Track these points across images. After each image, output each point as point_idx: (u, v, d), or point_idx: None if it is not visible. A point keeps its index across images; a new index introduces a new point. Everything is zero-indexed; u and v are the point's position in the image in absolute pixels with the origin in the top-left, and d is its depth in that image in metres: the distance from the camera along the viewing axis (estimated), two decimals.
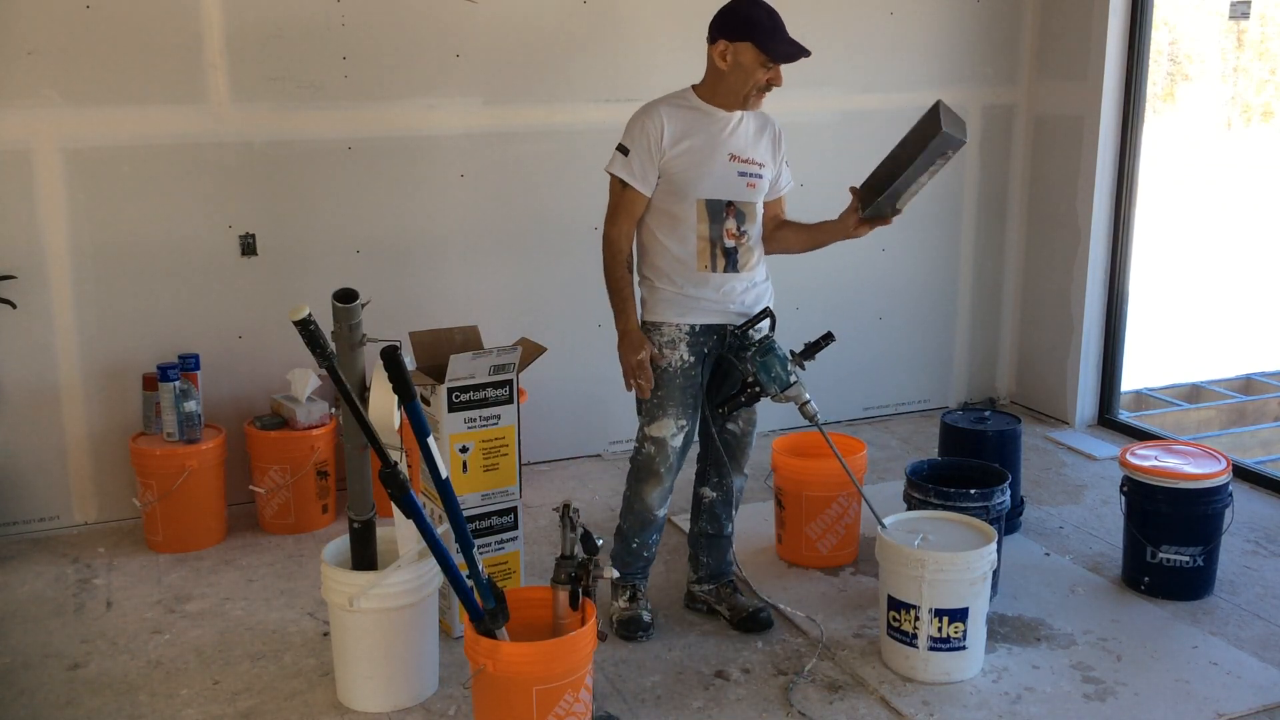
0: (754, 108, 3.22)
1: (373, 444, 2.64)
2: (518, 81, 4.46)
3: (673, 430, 3.27)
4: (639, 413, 3.36)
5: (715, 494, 3.47)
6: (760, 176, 3.27)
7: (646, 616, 3.39)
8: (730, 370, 3.35)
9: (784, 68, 3.18)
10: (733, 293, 3.26)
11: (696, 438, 3.44)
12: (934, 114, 3.01)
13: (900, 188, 3.10)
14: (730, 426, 3.42)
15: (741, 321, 3.29)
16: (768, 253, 3.39)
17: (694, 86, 3.25)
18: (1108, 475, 4.62)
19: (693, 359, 3.27)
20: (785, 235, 3.40)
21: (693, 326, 3.26)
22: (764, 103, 3.25)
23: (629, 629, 3.35)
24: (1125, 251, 5.10)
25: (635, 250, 3.30)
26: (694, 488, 3.53)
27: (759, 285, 3.34)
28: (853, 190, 3.25)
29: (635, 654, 3.28)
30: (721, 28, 3.15)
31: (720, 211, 3.23)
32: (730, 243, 3.25)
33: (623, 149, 3.19)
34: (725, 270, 3.24)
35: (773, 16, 3.13)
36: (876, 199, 3.15)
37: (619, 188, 3.21)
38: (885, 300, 5.29)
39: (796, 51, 3.13)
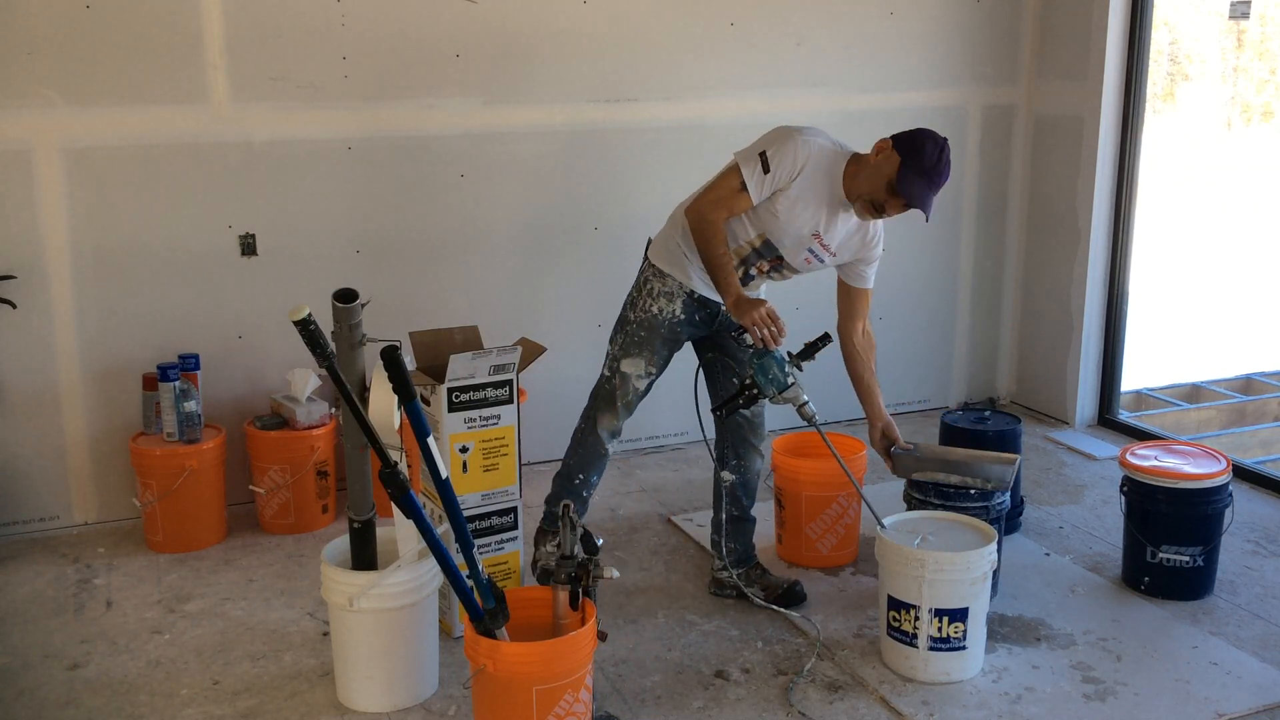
0: (857, 215, 3.21)
1: (373, 444, 2.65)
2: (518, 81, 4.46)
3: (640, 372, 3.40)
4: (612, 341, 3.47)
5: (735, 476, 3.54)
6: (823, 261, 3.33)
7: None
8: (727, 350, 3.40)
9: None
10: None
11: (712, 424, 3.54)
12: (1015, 470, 3.48)
13: (931, 471, 3.50)
14: (741, 410, 3.46)
15: None
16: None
17: (854, 156, 3.21)
18: (1108, 475, 4.62)
19: (683, 318, 3.38)
20: (854, 363, 3.50)
21: (693, 291, 3.37)
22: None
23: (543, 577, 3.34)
24: (1125, 251, 5.10)
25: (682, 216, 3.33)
26: (714, 474, 3.59)
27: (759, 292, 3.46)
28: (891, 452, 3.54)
29: (635, 654, 3.28)
30: (900, 134, 3.14)
31: (768, 256, 3.31)
32: (755, 274, 3.37)
33: (765, 162, 3.13)
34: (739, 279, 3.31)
35: (941, 166, 3.09)
36: (915, 467, 3.52)
37: (737, 186, 3.16)
38: (885, 300, 5.27)
39: (919, 199, 3.09)
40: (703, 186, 3.29)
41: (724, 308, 3.31)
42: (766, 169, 3.13)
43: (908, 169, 3.06)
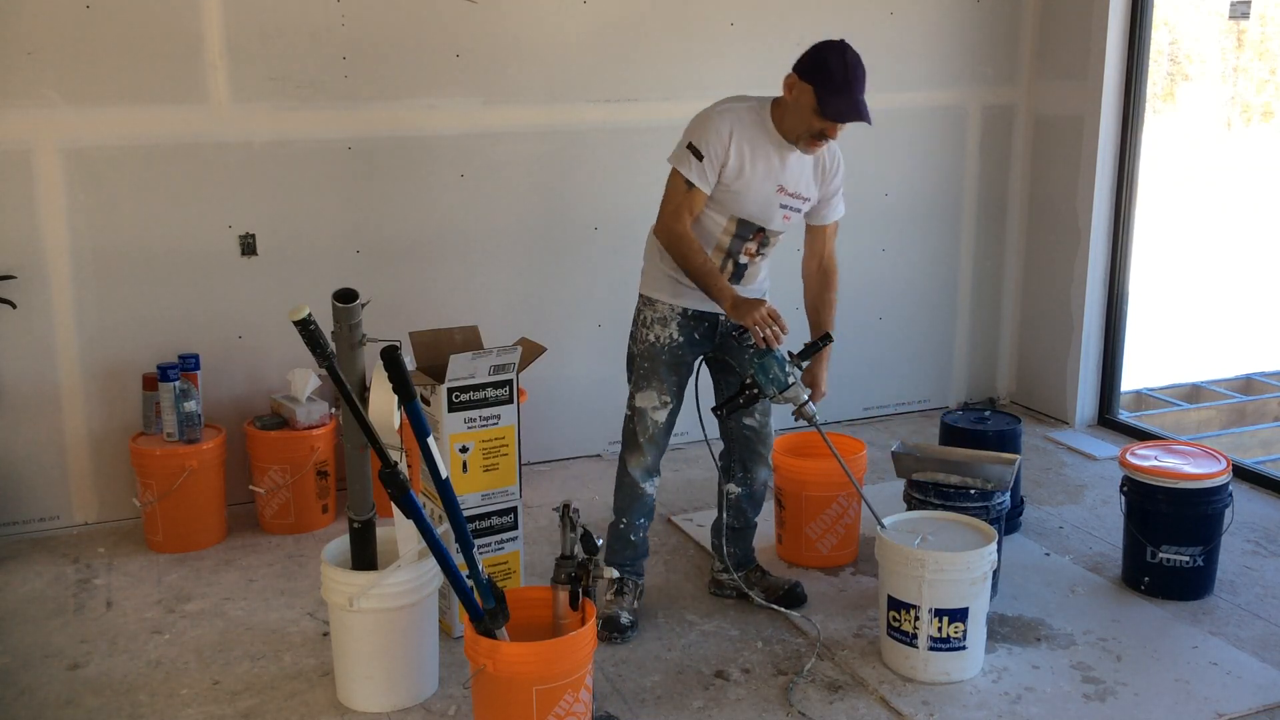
0: (805, 151, 3.18)
1: (373, 444, 2.65)
2: (518, 81, 4.46)
3: (655, 403, 3.33)
4: (628, 381, 3.42)
5: (740, 489, 3.52)
6: (799, 210, 3.29)
7: (625, 619, 3.36)
8: (731, 362, 3.38)
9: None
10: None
11: (719, 436, 3.52)
12: (1015, 471, 3.50)
13: (931, 471, 3.52)
14: (748, 421, 3.45)
15: None
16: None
17: (775, 106, 3.19)
18: (1108, 475, 4.62)
19: (682, 339, 3.33)
20: (808, 292, 3.43)
21: (685, 309, 3.32)
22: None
23: (604, 628, 3.32)
24: (1125, 251, 5.10)
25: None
26: (719, 484, 3.57)
27: (755, 287, 3.39)
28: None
29: (635, 654, 3.28)
30: (799, 62, 3.11)
31: (749, 232, 3.26)
32: (744, 259, 3.31)
33: (695, 151, 3.13)
34: (730, 280, 3.28)
35: (850, 71, 3.04)
36: (915, 467, 3.55)
37: (684, 187, 3.16)
38: (885, 300, 5.29)
39: (850, 114, 3.05)
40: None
41: (722, 315, 3.30)
42: (700, 156, 3.14)
43: (823, 91, 3.04)
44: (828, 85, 3.03)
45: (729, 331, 3.37)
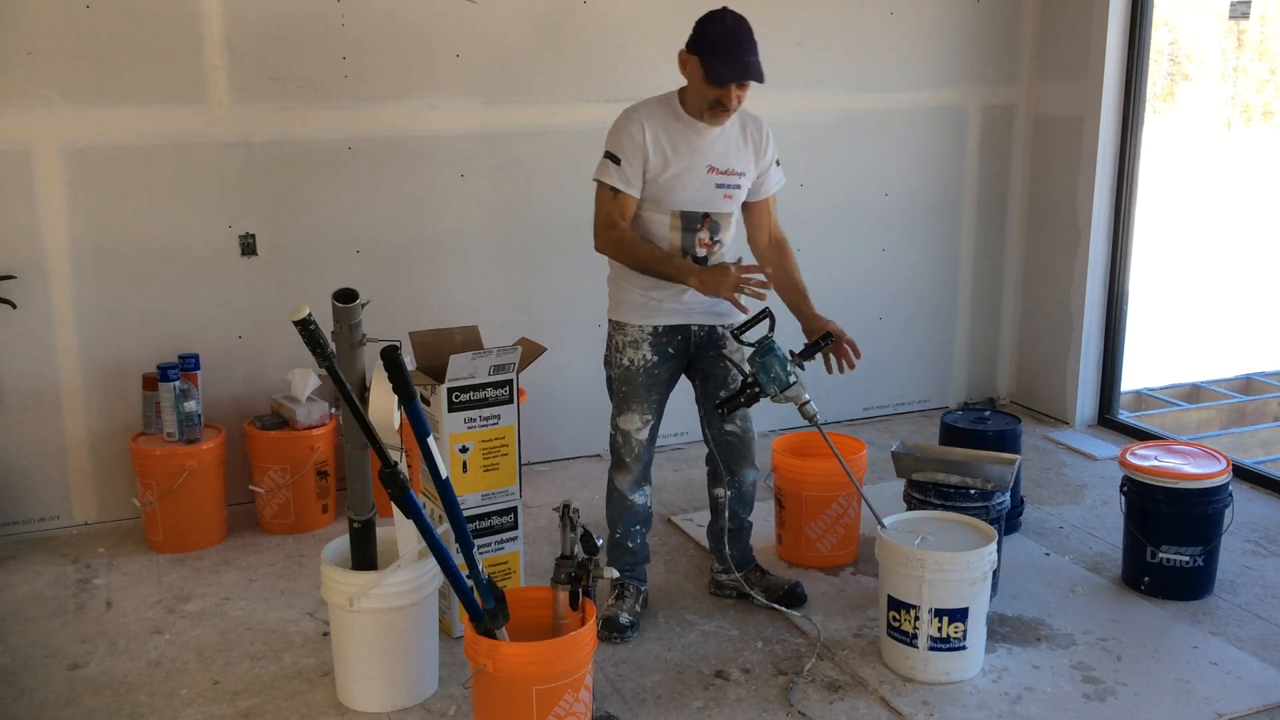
0: (711, 124, 3.18)
1: (373, 444, 2.65)
2: (518, 81, 4.46)
3: (638, 424, 3.34)
4: (610, 399, 3.42)
5: (729, 492, 3.50)
6: (739, 187, 3.27)
7: (625, 619, 3.36)
8: (709, 371, 3.36)
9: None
10: (697, 296, 3.25)
11: (705, 440, 3.49)
12: (1015, 471, 3.49)
13: (931, 471, 3.52)
14: (729, 427, 3.44)
15: (709, 320, 3.32)
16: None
17: (681, 90, 3.24)
18: (1108, 475, 4.62)
19: (656, 358, 3.31)
20: (775, 270, 3.37)
21: (656, 328, 3.31)
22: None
23: (604, 628, 3.33)
24: (1125, 251, 5.10)
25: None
26: (708, 489, 3.56)
27: None
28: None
29: (635, 654, 3.28)
30: (690, 36, 3.15)
31: (695, 223, 3.24)
32: (701, 252, 3.27)
33: (613, 157, 3.18)
34: None
35: (729, 34, 3.07)
36: (915, 467, 3.54)
37: (610, 195, 3.20)
38: (885, 300, 5.29)
39: (735, 74, 3.06)
40: None
41: (694, 325, 3.28)
42: (618, 161, 3.16)
43: (708, 58, 3.07)
44: (711, 51, 3.07)
45: (703, 341, 3.35)
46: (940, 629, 3.05)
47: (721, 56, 3.06)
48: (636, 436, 3.35)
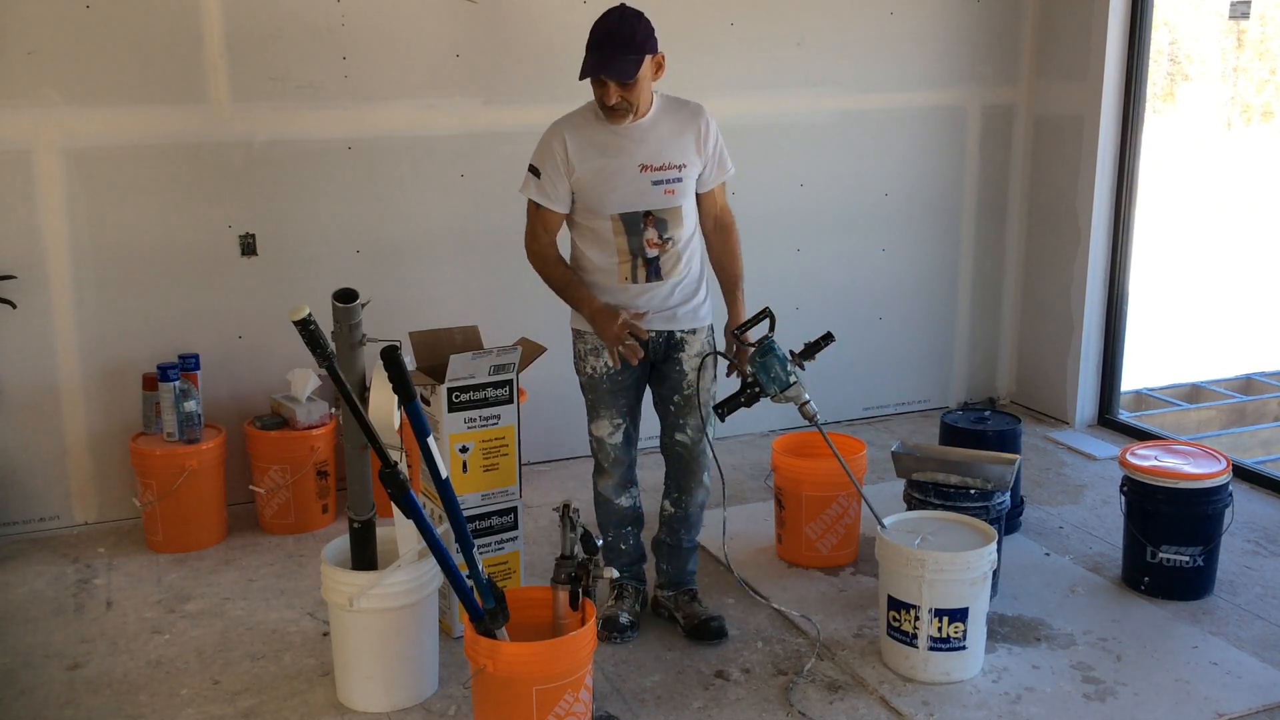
0: (612, 123, 3.15)
1: (373, 444, 2.65)
2: (518, 81, 4.46)
3: (609, 429, 3.33)
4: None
5: (674, 509, 3.44)
6: (680, 180, 3.20)
7: (624, 619, 3.36)
8: (665, 374, 3.32)
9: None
10: (655, 299, 3.23)
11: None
12: (1015, 471, 3.49)
13: (931, 471, 3.52)
14: (679, 437, 3.35)
15: (666, 326, 3.26)
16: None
17: None
18: (1108, 475, 4.62)
19: (617, 364, 3.26)
20: (711, 251, 3.37)
21: None
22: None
23: (604, 628, 3.32)
24: (1125, 251, 5.10)
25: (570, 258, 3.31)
26: (661, 498, 3.51)
27: (687, 282, 3.27)
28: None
29: (635, 654, 3.28)
30: None
31: (638, 224, 3.18)
32: (653, 252, 3.20)
33: (534, 170, 3.19)
34: (647, 280, 3.21)
35: (598, 30, 3.07)
36: (915, 467, 3.54)
37: (534, 208, 3.23)
38: (885, 300, 5.29)
39: (588, 70, 3.06)
40: None
41: (652, 332, 3.23)
42: (538, 174, 3.18)
43: (585, 55, 3.08)
44: (586, 48, 3.08)
45: (660, 346, 3.29)
46: (940, 629, 3.05)
47: (588, 53, 3.08)
48: (610, 441, 3.34)
